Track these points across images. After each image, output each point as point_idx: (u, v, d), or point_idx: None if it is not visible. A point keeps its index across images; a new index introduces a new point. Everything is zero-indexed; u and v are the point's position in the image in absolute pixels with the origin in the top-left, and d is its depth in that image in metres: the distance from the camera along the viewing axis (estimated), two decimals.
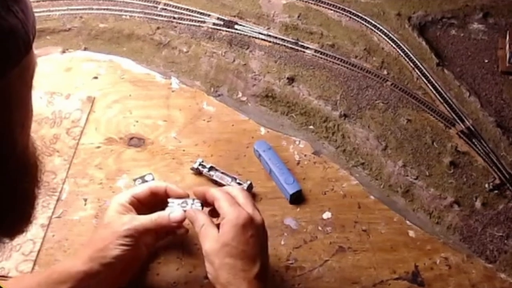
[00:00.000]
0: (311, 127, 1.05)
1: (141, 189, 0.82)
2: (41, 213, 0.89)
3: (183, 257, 0.88)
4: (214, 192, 0.78)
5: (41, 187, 0.52)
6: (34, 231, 0.87)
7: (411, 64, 1.12)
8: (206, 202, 0.80)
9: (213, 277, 0.73)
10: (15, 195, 0.49)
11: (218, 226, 0.76)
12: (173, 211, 0.79)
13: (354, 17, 1.18)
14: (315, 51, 1.13)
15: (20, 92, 0.46)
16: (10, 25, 0.42)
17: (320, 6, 1.20)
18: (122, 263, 0.75)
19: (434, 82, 1.09)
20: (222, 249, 0.72)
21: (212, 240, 0.73)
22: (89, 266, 0.74)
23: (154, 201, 0.82)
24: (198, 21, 1.18)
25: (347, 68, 1.11)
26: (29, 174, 0.51)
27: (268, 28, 1.17)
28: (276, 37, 1.15)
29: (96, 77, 1.10)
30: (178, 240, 0.88)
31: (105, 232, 0.77)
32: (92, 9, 1.18)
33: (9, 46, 0.42)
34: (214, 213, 0.79)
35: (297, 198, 0.94)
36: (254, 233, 0.74)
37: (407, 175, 0.97)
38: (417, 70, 1.11)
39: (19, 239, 0.84)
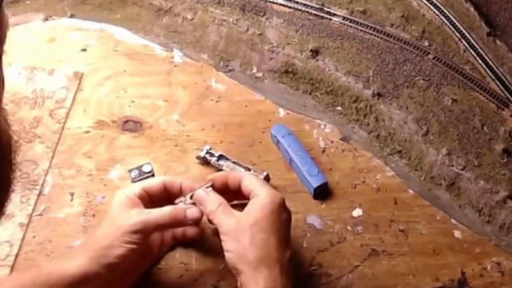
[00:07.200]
0: (339, 108, 1.04)
1: (154, 182, 0.83)
2: (20, 210, 0.88)
3: (188, 263, 0.86)
4: (238, 173, 0.81)
5: (17, 171, 0.51)
6: (12, 231, 0.86)
7: (457, 34, 1.11)
8: (224, 190, 0.82)
9: (237, 256, 0.73)
10: None
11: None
12: (189, 208, 0.80)
13: None
14: (344, 18, 1.13)
15: None
16: None
17: None
18: (125, 264, 0.75)
19: (484, 55, 1.08)
20: (255, 225, 0.73)
21: (237, 217, 0.75)
22: (86, 267, 0.73)
23: (165, 197, 0.83)
24: None
25: (382, 38, 1.11)
26: (2, 155, 0.50)
27: None
28: (297, 2, 1.15)
29: (84, 49, 1.10)
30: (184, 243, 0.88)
31: (109, 228, 0.77)
32: None
33: None
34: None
35: (322, 192, 0.93)
36: (288, 218, 0.77)
37: (452, 165, 0.97)
38: (464, 41, 1.10)
39: None
